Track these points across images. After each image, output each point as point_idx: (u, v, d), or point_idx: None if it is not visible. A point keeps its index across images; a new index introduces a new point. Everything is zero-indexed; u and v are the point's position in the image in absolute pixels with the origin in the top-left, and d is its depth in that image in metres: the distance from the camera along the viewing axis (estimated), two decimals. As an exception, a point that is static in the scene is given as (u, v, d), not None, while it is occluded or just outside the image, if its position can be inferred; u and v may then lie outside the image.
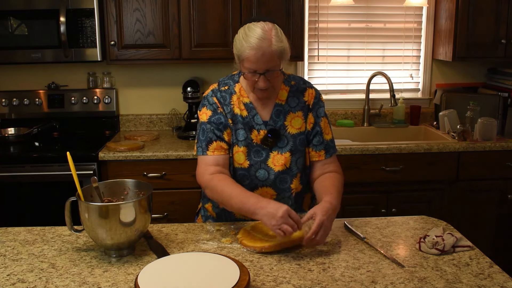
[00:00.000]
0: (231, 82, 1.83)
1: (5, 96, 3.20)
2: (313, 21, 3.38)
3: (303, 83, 1.87)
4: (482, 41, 3.11)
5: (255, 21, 1.66)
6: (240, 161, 1.78)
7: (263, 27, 1.63)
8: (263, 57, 1.62)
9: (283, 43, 1.65)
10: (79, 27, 2.85)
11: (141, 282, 1.22)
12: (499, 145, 2.91)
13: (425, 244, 1.52)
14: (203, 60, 3.01)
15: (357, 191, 2.87)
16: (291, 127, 1.80)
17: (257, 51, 1.61)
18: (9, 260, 1.47)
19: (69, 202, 1.51)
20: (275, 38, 1.62)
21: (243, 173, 1.78)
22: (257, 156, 1.78)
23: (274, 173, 1.77)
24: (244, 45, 1.63)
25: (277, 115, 1.79)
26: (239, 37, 1.67)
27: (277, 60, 1.65)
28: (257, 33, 1.61)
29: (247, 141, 1.78)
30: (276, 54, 1.63)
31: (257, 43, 1.60)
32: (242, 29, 1.67)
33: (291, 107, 1.81)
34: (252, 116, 1.79)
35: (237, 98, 1.80)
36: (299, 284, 1.33)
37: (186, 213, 2.69)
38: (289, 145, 1.79)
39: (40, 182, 2.70)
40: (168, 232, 1.67)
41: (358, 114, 3.46)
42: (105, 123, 3.28)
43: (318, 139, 1.82)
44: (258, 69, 1.65)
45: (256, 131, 1.78)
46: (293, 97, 1.82)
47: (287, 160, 1.78)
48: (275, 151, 1.78)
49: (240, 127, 1.78)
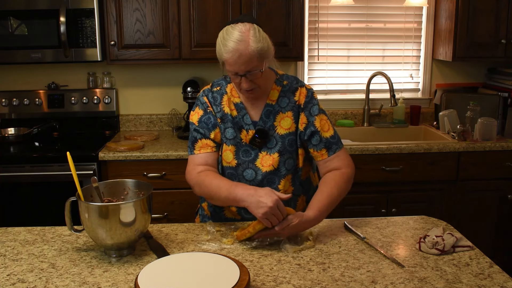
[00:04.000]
0: (223, 83, 1.84)
1: (5, 96, 3.20)
2: (313, 21, 3.38)
3: (296, 82, 1.84)
4: (482, 41, 3.11)
5: (234, 23, 1.65)
6: (228, 160, 1.78)
7: (240, 29, 1.62)
8: (240, 59, 1.61)
9: (262, 43, 1.63)
10: (79, 27, 2.85)
11: (141, 282, 1.22)
12: (499, 145, 2.91)
13: (425, 244, 1.52)
14: (203, 60, 3.01)
15: (357, 191, 2.85)
16: (280, 128, 1.78)
17: (233, 53, 1.60)
18: (9, 260, 1.47)
19: (69, 202, 1.51)
20: (253, 39, 1.61)
21: (231, 172, 1.79)
22: (245, 155, 1.78)
23: (261, 174, 1.77)
24: (222, 48, 1.63)
25: (267, 116, 1.78)
26: (218, 41, 1.67)
27: (256, 61, 1.63)
28: (234, 36, 1.61)
29: (235, 140, 1.78)
30: (254, 55, 1.61)
31: (234, 46, 1.60)
32: (221, 33, 1.67)
33: (281, 107, 1.79)
34: (242, 116, 1.79)
35: (228, 99, 1.80)
36: (299, 284, 1.33)
37: (186, 213, 2.69)
38: (278, 146, 1.77)
39: (40, 182, 2.70)
40: (168, 232, 1.67)
41: (358, 114, 3.46)
42: (105, 123, 3.27)
43: (317, 138, 1.79)
44: (238, 71, 1.65)
45: (245, 131, 1.78)
46: (284, 97, 1.80)
47: (275, 161, 1.76)
48: (264, 152, 1.78)
49: (229, 126, 1.78)
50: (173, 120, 3.34)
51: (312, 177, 1.94)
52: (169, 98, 3.34)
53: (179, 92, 3.17)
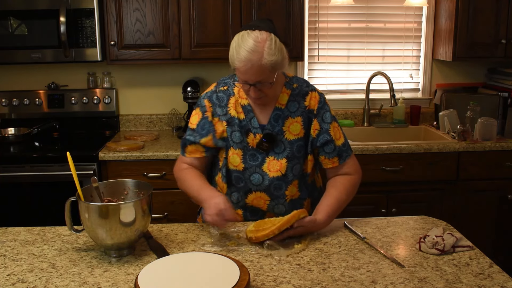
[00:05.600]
0: (230, 82, 1.81)
1: (5, 96, 3.20)
2: (313, 21, 3.38)
3: (306, 86, 1.81)
4: (482, 41, 3.11)
5: (251, 29, 1.60)
6: (235, 163, 1.77)
7: (256, 38, 1.57)
8: (251, 70, 1.58)
9: (276, 56, 1.59)
10: (79, 27, 2.85)
11: (141, 282, 1.22)
12: (499, 145, 2.91)
13: (425, 244, 1.51)
14: (203, 60, 3.01)
15: (357, 191, 2.85)
16: (289, 133, 1.76)
17: (245, 63, 1.57)
18: (9, 260, 1.47)
19: (69, 202, 1.51)
20: (267, 51, 1.57)
21: (238, 175, 1.78)
22: (252, 160, 1.76)
23: (268, 179, 1.75)
24: (235, 55, 1.60)
25: (275, 120, 1.75)
26: (232, 46, 1.63)
27: (268, 72, 1.60)
28: (249, 45, 1.57)
29: (242, 144, 1.76)
30: (267, 67, 1.58)
31: (247, 56, 1.56)
32: (237, 37, 1.62)
33: (291, 112, 1.76)
34: (249, 119, 1.76)
35: (235, 101, 1.77)
36: (299, 284, 1.33)
37: (186, 213, 2.69)
38: (286, 151, 1.75)
39: (40, 182, 2.70)
40: (168, 232, 1.67)
41: (358, 114, 3.46)
42: (105, 123, 3.27)
43: (331, 147, 1.77)
44: (248, 80, 1.62)
45: (253, 135, 1.75)
46: (294, 101, 1.77)
47: (282, 167, 1.75)
48: (271, 156, 1.76)
49: (236, 129, 1.76)
50: (173, 120, 3.34)
51: (316, 179, 1.93)
52: (169, 98, 3.34)
53: (179, 92, 3.17)
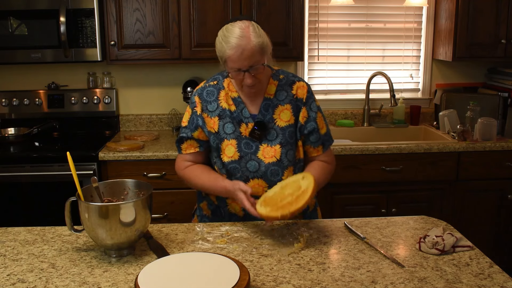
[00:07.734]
0: (220, 77, 1.88)
1: (5, 96, 3.20)
2: (313, 21, 3.38)
3: (292, 76, 1.90)
4: (482, 41, 3.11)
5: (232, 22, 1.72)
6: (230, 154, 1.81)
7: (240, 26, 1.68)
8: (243, 55, 1.66)
9: (262, 38, 1.69)
10: (79, 27, 2.85)
11: (141, 282, 1.22)
12: (499, 145, 2.91)
13: (425, 244, 1.51)
14: (203, 60, 3.01)
15: (357, 191, 2.87)
16: (279, 120, 1.83)
17: (237, 49, 1.66)
18: (9, 260, 1.47)
19: (69, 202, 1.51)
20: (253, 34, 1.67)
21: (235, 165, 1.81)
22: (247, 148, 1.81)
23: (264, 165, 1.80)
24: (224, 46, 1.69)
25: (265, 109, 1.83)
26: (219, 39, 1.73)
27: (258, 55, 1.69)
28: (235, 32, 1.67)
29: (235, 134, 1.81)
30: (256, 49, 1.67)
31: (236, 42, 1.66)
32: (221, 31, 1.73)
33: (279, 100, 1.84)
34: (240, 110, 1.82)
35: (225, 94, 1.84)
36: (299, 284, 1.33)
37: (186, 213, 2.67)
38: (279, 138, 1.82)
39: (40, 182, 2.70)
40: (168, 232, 1.67)
41: (358, 114, 3.46)
42: (105, 123, 3.27)
43: (316, 136, 1.86)
44: (241, 67, 1.69)
45: (245, 125, 1.82)
46: (282, 90, 1.85)
47: (277, 152, 1.80)
48: (264, 144, 1.81)
49: (228, 121, 1.82)
50: (173, 120, 3.34)
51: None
52: (169, 98, 3.34)
53: (179, 92, 3.17)
